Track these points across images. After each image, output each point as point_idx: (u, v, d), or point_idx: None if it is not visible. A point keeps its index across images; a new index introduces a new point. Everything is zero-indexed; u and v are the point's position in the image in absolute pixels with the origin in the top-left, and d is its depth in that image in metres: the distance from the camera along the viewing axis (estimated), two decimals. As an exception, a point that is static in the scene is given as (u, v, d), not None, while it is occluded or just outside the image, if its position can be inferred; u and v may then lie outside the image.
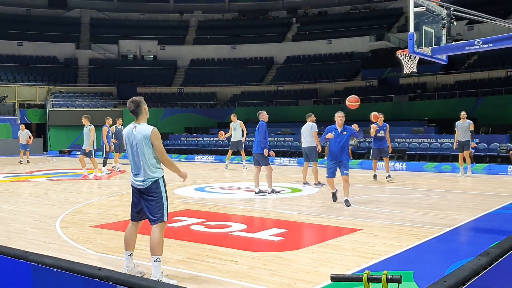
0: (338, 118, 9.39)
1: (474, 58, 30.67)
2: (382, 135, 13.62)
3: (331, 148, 9.35)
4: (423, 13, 7.29)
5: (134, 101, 4.93)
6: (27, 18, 40.79)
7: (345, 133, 9.31)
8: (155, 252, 4.72)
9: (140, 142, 4.80)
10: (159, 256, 4.72)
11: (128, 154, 4.98)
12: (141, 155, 4.82)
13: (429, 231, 6.92)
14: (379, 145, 13.69)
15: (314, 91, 34.18)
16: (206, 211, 8.86)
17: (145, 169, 4.82)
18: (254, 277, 4.91)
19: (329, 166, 9.40)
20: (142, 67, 39.49)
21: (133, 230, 5.04)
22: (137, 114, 4.92)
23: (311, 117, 12.82)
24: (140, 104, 4.92)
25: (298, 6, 43.84)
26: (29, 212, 8.92)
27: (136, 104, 4.91)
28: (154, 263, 4.71)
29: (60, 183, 13.95)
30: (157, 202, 4.79)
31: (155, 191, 4.80)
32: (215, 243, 6.31)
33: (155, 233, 4.77)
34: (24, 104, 33.24)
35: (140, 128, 4.86)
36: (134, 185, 4.91)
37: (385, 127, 13.71)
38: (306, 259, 5.57)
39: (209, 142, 27.67)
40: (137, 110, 4.91)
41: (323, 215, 8.42)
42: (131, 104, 4.93)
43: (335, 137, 9.27)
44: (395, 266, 5.30)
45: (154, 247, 4.73)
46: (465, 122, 14.61)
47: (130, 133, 4.93)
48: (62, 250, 5.94)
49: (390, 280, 3.15)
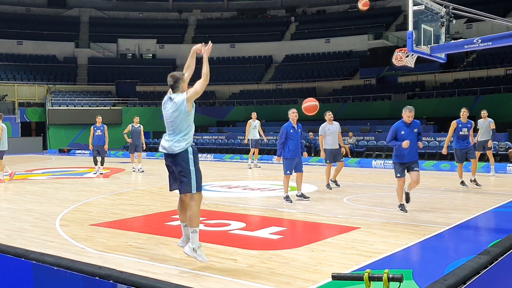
0: (293, 115, 9.60)
1: (473, 57, 30.69)
2: (465, 134, 11.62)
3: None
4: (422, 12, 7.28)
5: (173, 76, 5.24)
6: (27, 17, 40.95)
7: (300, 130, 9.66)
8: (192, 224, 5.06)
9: (177, 109, 5.05)
10: (196, 227, 5.05)
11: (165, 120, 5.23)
12: (176, 120, 5.08)
13: (428, 230, 6.90)
14: (461, 145, 11.61)
15: (313, 89, 34.19)
16: (205, 210, 8.73)
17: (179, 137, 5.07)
18: (253, 275, 4.90)
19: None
20: (141, 65, 39.58)
21: (180, 203, 5.33)
22: (174, 89, 5.22)
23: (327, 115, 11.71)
24: (179, 81, 5.23)
25: (297, 5, 43.89)
26: (29, 210, 8.90)
27: (174, 80, 5.21)
28: (191, 234, 5.06)
29: (59, 181, 13.93)
30: (186, 172, 5.07)
31: (184, 159, 5.07)
32: (214, 242, 6.29)
33: (191, 205, 5.10)
34: (24, 103, 33.42)
35: (176, 98, 5.13)
36: (165, 150, 5.15)
37: (470, 125, 11.73)
38: (305, 257, 5.57)
39: (208, 140, 27.72)
40: (174, 85, 5.21)
41: (322, 214, 8.40)
42: (170, 79, 5.23)
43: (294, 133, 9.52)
44: (394, 264, 5.29)
45: (190, 219, 5.08)
46: (486, 121, 14.10)
47: (166, 100, 5.22)
48: (61, 249, 5.93)
49: (391, 279, 3.16)
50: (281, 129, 9.57)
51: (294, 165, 9.58)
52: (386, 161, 19.35)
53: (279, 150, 9.58)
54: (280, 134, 9.57)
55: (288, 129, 9.50)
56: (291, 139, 9.46)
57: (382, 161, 19.56)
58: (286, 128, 9.51)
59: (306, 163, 19.65)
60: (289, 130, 9.48)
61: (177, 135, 5.11)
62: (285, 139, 9.46)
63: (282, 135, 9.50)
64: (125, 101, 34.26)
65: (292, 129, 9.50)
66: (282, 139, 9.50)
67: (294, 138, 9.48)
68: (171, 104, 5.14)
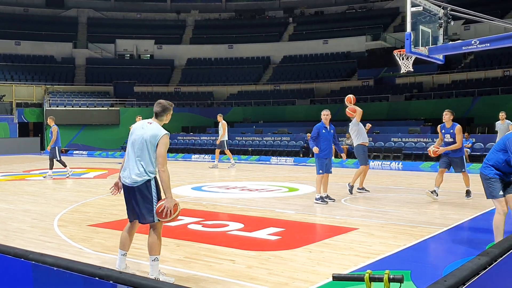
0: (325, 116, 9.68)
1: (471, 58, 30.68)
2: (449, 140, 9.76)
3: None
4: (420, 13, 7.29)
5: (162, 105, 4.97)
6: (25, 17, 40.81)
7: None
8: (152, 252, 4.76)
9: (148, 138, 4.77)
10: (157, 256, 4.75)
11: (127, 147, 4.95)
12: (142, 152, 4.79)
13: (426, 231, 6.92)
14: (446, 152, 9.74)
15: (311, 90, 34.22)
16: (203, 210, 8.83)
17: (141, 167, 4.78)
18: (251, 276, 4.91)
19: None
20: (139, 66, 39.47)
21: (130, 230, 5.04)
22: (157, 116, 4.97)
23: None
24: (166, 110, 4.98)
25: (295, 6, 43.85)
26: (27, 211, 8.91)
27: (162, 109, 4.96)
28: (152, 263, 4.75)
29: (57, 182, 13.93)
30: (148, 203, 4.77)
31: (147, 191, 4.77)
32: (213, 242, 6.30)
33: (152, 233, 4.80)
34: (22, 103, 33.29)
35: (154, 126, 4.85)
36: (125, 183, 4.88)
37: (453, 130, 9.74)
38: (304, 258, 5.57)
39: (206, 141, 27.67)
40: (160, 114, 4.96)
41: (320, 214, 8.40)
42: (158, 107, 4.97)
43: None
44: (392, 265, 5.29)
45: (151, 247, 4.77)
46: (504, 123, 13.90)
47: (142, 126, 4.91)
48: (59, 249, 5.92)
49: (392, 279, 3.15)
50: (313, 128, 9.62)
51: (325, 165, 9.58)
52: (384, 162, 19.44)
53: (312, 144, 9.58)
54: (313, 133, 9.62)
55: (320, 129, 9.52)
56: (323, 139, 9.49)
57: (380, 162, 19.55)
58: (318, 128, 9.55)
59: (304, 164, 19.89)
60: (321, 130, 9.51)
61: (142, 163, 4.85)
62: (316, 137, 9.48)
63: (314, 133, 9.55)
64: (123, 101, 34.16)
65: (325, 129, 9.54)
66: (314, 135, 9.53)
67: (327, 138, 9.52)
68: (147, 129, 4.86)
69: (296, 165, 20.01)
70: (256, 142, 26.16)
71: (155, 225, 4.80)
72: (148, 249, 4.78)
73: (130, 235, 5.01)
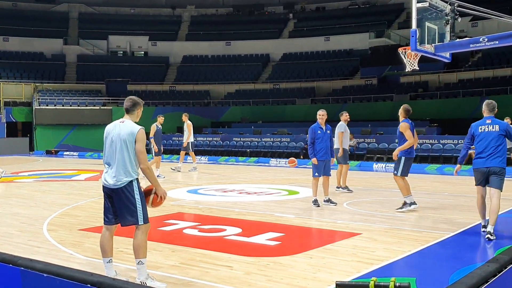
0: (320, 116, 9.54)
1: (478, 56, 30.67)
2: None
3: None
4: (426, 9, 7.25)
5: (132, 100, 5.00)
6: (13, 12, 40.76)
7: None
8: (138, 255, 4.79)
9: (124, 138, 4.81)
10: (142, 259, 4.77)
11: (104, 150, 4.99)
12: (121, 153, 4.84)
13: (432, 236, 6.92)
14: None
15: (312, 89, 34.08)
16: (200, 214, 8.90)
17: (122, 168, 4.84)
18: (250, 283, 4.88)
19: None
20: (133, 63, 39.35)
21: (109, 235, 5.03)
22: (128, 112, 4.99)
23: (343, 115, 11.82)
24: (137, 105, 4.99)
25: (295, 1, 43.74)
26: (15, 214, 8.86)
27: (133, 103, 4.97)
28: (138, 266, 4.78)
29: (47, 184, 13.78)
30: (131, 205, 4.84)
31: (129, 192, 4.84)
32: (209, 248, 6.29)
33: (137, 235, 4.83)
34: (10, 102, 33.10)
35: (127, 124, 4.88)
36: (106, 185, 4.94)
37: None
38: (304, 264, 5.55)
39: (202, 142, 27.48)
40: (131, 109, 4.97)
41: (321, 219, 8.44)
42: (128, 101, 4.99)
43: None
44: (396, 272, 5.33)
45: (136, 250, 4.80)
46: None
47: (115, 126, 4.94)
48: (49, 254, 5.95)
49: (398, 287, 3.15)
50: (309, 130, 9.49)
51: (323, 168, 9.46)
52: (388, 164, 19.37)
53: (311, 151, 9.41)
54: (308, 136, 9.49)
55: (315, 129, 9.45)
56: (320, 140, 9.41)
57: (383, 165, 19.46)
58: (313, 129, 9.46)
59: (304, 166, 19.21)
60: (316, 131, 9.44)
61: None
62: (313, 140, 9.38)
63: (310, 136, 9.42)
64: (115, 100, 33.98)
65: (320, 130, 9.48)
66: (311, 140, 9.40)
67: (323, 139, 9.44)
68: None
69: (296, 167, 19.33)
70: (254, 143, 26.07)
71: (141, 227, 4.84)
72: (134, 252, 4.82)
73: (110, 240, 5.03)
